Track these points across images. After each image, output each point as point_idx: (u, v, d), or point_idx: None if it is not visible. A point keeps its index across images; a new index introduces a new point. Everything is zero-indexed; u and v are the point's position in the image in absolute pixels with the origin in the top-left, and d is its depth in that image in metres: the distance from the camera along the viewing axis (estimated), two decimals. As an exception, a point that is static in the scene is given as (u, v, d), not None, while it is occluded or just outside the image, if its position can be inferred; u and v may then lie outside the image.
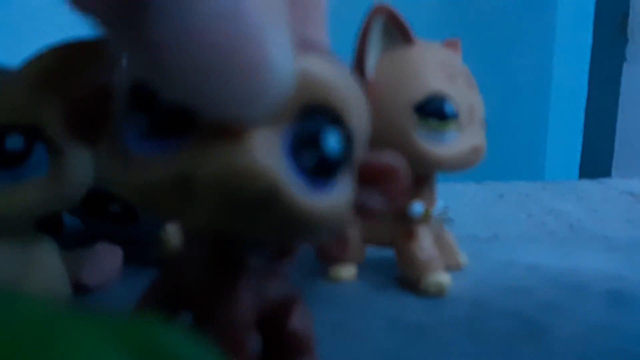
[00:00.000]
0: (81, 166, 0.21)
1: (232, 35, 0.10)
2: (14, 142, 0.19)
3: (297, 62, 0.12)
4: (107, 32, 0.11)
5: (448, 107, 0.24)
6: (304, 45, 0.13)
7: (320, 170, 0.12)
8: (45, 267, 0.21)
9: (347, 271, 0.27)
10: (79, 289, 0.23)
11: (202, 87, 0.10)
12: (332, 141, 0.12)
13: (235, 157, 0.11)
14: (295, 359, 0.17)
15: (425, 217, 0.25)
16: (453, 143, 0.24)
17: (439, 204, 0.26)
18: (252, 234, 0.13)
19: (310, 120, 0.12)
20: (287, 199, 0.12)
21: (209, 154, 0.11)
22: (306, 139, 0.12)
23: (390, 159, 0.15)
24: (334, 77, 0.13)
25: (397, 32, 0.24)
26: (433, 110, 0.23)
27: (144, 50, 0.10)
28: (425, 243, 0.25)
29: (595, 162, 0.60)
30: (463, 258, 0.29)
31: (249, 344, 0.15)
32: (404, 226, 0.26)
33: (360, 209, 0.15)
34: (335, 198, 0.13)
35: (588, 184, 0.52)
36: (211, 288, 0.15)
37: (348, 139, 0.13)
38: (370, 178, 0.14)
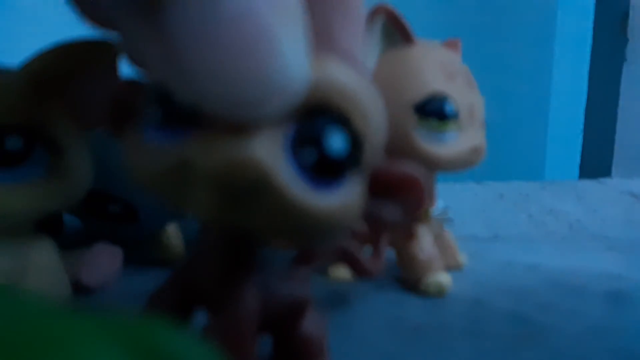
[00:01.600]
0: (81, 166, 0.21)
1: (246, 39, 0.10)
2: (14, 142, 0.19)
3: (311, 66, 0.12)
4: (123, 34, 0.11)
5: (448, 107, 0.24)
6: (323, 47, 0.13)
7: (322, 168, 0.12)
8: (44, 267, 0.21)
9: (347, 271, 0.27)
10: (79, 289, 0.23)
11: (214, 90, 0.11)
12: (335, 140, 0.12)
13: (229, 148, 0.11)
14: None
15: (425, 217, 0.25)
16: (453, 143, 0.24)
17: (439, 204, 0.26)
18: (249, 225, 0.13)
19: (314, 119, 0.12)
20: (279, 191, 0.12)
21: (207, 144, 0.12)
22: (308, 137, 0.12)
23: (410, 168, 0.15)
24: (343, 79, 0.13)
25: (397, 32, 0.24)
26: (433, 110, 0.23)
27: (161, 53, 0.11)
28: (425, 243, 0.25)
29: (595, 162, 0.60)
30: (463, 258, 0.29)
31: (254, 341, 0.15)
32: (404, 226, 0.26)
33: (374, 220, 0.14)
34: (341, 200, 0.13)
35: (588, 184, 0.52)
36: (220, 284, 0.15)
37: (355, 141, 0.13)
38: (386, 188, 0.14)
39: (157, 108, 0.13)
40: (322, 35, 0.13)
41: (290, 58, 0.11)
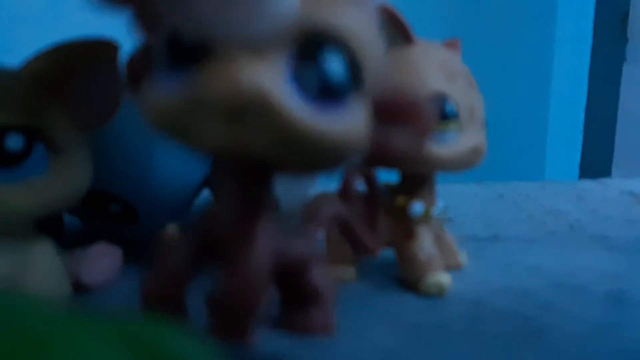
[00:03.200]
0: (81, 166, 0.21)
1: None
2: (14, 142, 0.19)
3: None
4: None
5: (448, 107, 0.24)
6: None
7: (323, 91, 0.13)
8: (44, 267, 0.21)
9: (347, 271, 0.27)
10: (79, 289, 0.23)
11: (215, 14, 0.12)
12: (333, 62, 0.13)
13: (231, 74, 0.12)
14: (310, 308, 0.17)
15: (425, 217, 0.25)
16: (453, 143, 0.24)
17: (439, 204, 0.26)
18: (256, 151, 0.13)
19: (313, 44, 0.13)
20: (279, 111, 0.12)
21: (211, 74, 0.13)
22: (308, 61, 0.13)
23: (413, 95, 0.15)
24: (338, 2, 0.13)
25: (398, 32, 0.24)
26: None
27: None
28: (425, 243, 0.25)
29: (595, 162, 0.60)
30: (463, 258, 0.29)
31: (264, 291, 0.16)
32: (404, 226, 0.26)
33: (381, 148, 0.15)
34: (345, 124, 0.13)
35: (588, 184, 0.52)
36: (234, 233, 0.16)
37: (353, 62, 0.13)
38: (391, 115, 0.15)
39: (166, 53, 0.14)
40: None
41: None
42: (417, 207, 0.25)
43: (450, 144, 0.24)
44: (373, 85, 0.14)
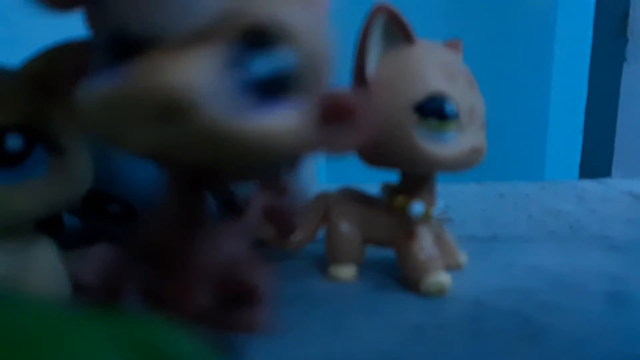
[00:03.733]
0: (81, 166, 0.21)
1: None
2: (14, 142, 0.19)
3: None
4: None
5: (448, 107, 0.23)
6: None
7: (258, 88, 0.13)
8: (45, 267, 0.21)
9: (347, 271, 0.27)
10: (79, 289, 0.23)
11: (136, 9, 0.12)
12: (264, 61, 0.13)
13: (156, 73, 0.12)
14: (243, 307, 0.17)
15: (425, 217, 0.25)
16: (453, 143, 0.24)
17: (439, 204, 0.26)
18: (186, 155, 0.13)
19: (250, 39, 0.13)
20: (204, 111, 0.12)
21: (138, 70, 0.12)
22: (237, 59, 0.13)
23: (352, 95, 0.15)
24: (277, 2, 0.13)
25: (398, 32, 0.24)
26: (433, 110, 0.23)
27: None
28: (425, 243, 0.25)
29: (595, 162, 0.60)
30: (463, 258, 0.29)
31: (198, 294, 0.15)
32: (404, 226, 0.26)
33: (326, 144, 0.15)
34: (278, 122, 0.13)
35: (588, 184, 0.52)
36: (172, 240, 0.16)
37: (290, 62, 0.13)
38: (335, 114, 0.15)
39: (107, 48, 0.13)
40: None
41: None
42: (417, 207, 0.25)
43: (450, 144, 0.24)
44: (316, 84, 0.14)
